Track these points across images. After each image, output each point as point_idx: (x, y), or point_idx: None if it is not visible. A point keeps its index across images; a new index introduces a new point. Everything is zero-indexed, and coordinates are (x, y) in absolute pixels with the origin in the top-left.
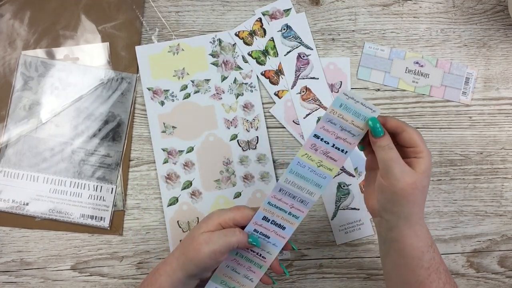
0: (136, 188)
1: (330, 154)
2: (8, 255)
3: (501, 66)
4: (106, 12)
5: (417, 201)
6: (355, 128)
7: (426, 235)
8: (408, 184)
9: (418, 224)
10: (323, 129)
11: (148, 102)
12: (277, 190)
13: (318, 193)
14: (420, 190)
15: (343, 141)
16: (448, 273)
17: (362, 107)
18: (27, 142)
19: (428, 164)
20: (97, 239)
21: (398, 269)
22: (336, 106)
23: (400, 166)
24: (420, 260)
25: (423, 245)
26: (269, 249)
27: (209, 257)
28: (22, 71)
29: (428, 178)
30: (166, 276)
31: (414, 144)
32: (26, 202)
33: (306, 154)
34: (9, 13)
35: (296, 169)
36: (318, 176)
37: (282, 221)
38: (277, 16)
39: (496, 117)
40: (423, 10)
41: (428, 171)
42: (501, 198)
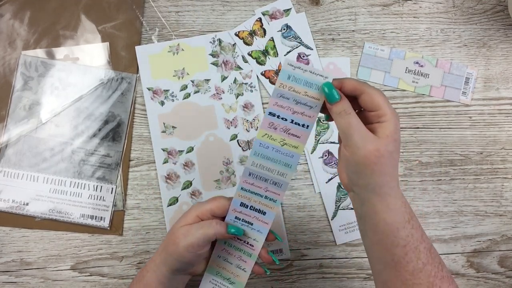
0: (136, 188)
1: (291, 131)
2: (8, 255)
3: (501, 66)
4: (106, 12)
5: (384, 170)
6: (310, 99)
7: (402, 209)
8: (370, 151)
9: (391, 197)
10: (277, 105)
11: (148, 102)
12: (247, 175)
13: (290, 173)
14: (386, 158)
15: (301, 115)
16: (432, 252)
17: (312, 76)
18: (27, 142)
19: (394, 127)
20: (97, 239)
21: (374, 247)
22: (284, 78)
23: (360, 133)
24: (395, 238)
25: (398, 221)
26: (255, 236)
27: (187, 250)
28: (22, 71)
29: (395, 143)
30: (152, 272)
31: (376, 106)
32: (26, 202)
33: (266, 134)
34: (9, 13)
35: (260, 151)
36: (284, 156)
37: (260, 206)
38: (277, 16)
39: (496, 117)
40: (423, 10)
41: (394, 135)
42: (501, 198)
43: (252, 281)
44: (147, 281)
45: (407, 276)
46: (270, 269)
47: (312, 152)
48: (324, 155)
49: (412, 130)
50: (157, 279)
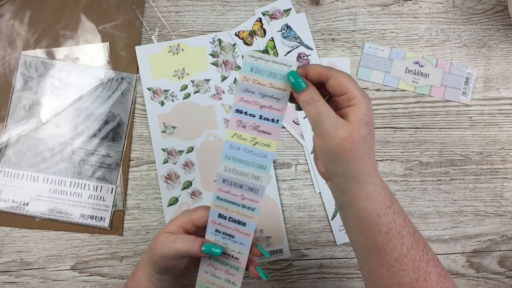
0: (136, 188)
1: (261, 128)
2: (8, 255)
3: (501, 66)
4: (106, 12)
5: (360, 156)
6: (276, 91)
7: (383, 195)
8: (342, 138)
9: (370, 183)
10: (243, 101)
11: (148, 102)
12: (221, 181)
13: (265, 175)
14: (360, 143)
15: (269, 109)
16: (416, 236)
17: (275, 65)
18: (27, 142)
19: (365, 110)
20: (97, 239)
21: (357, 235)
22: (247, 71)
23: (330, 120)
24: (377, 225)
25: (379, 207)
26: (238, 249)
27: (161, 258)
28: (22, 71)
29: (368, 126)
30: (142, 269)
31: (344, 90)
32: (26, 202)
33: (235, 134)
34: (9, 13)
35: (231, 154)
36: (257, 156)
37: (239, 217)
38: (277, 16)
39: (496, 117)
40: (423, 10)
41: (366, 118)
42: (501, 198)
43: (252, 281)
44: (138, 278)
45: (392, 262)
46: (269, 269)
47: (312, 152)
48: None
49: (412, 130)
50: (147, 277)
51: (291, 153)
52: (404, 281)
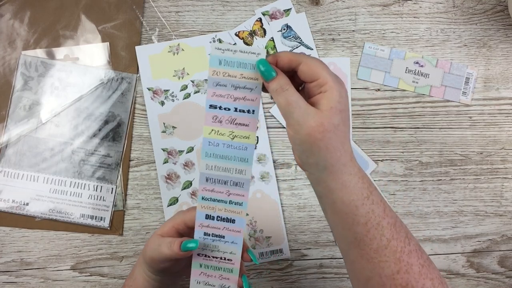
0: (136, 188)
1: (237, 121)
2: (8, 255)
3: (501, 66)
4: (106, 12)
5: (332, 146)
6: (248, 81)
7: (360, 185)
8: (313, 127)
9: (345, 174)
10: (215, 95)
11: (148, 102)
12: (204, 181)
13: (248, 168)
14: (332, 132)
15: (243, 101)
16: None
17: (244, 55)
18: (27, 142)
19: (338, 97)
20: (97, 239)
21: (336, 227)
22: (215, 64)
23: (300, 109)
24: (355, 215)
25: (356, 198)
26: (230, 249)
27: (151, 261)
28: (22, 71)
29: (342, 114)
30: (139, 268)
31: (315, 75)
32: (26, 202)
33: (212, 130)
34: (9, 13)
35: (211, 151)
36: (238, 150)
37: (227, 214)
38: (277, 16)
39: (496, 117)
40: (423, 10)
41: (339, 105)
42: (501, 198)
43: (252, 281)
44: (136, 278)
45: (371, 254)
46: (269, 269)
47: None
48: None
49: (412, 130)
50: (143, 277)
51: (291, 153)
52: (385, 272)
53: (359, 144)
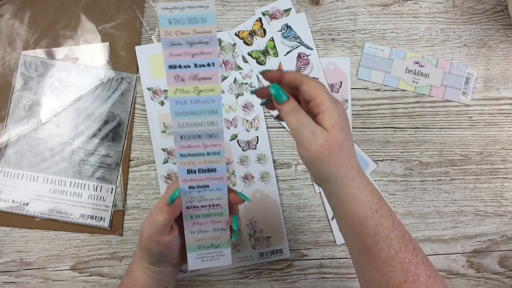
0: (136, 188)
1: (200, 75)
2: (8, 255)
3: (501, 66)
4: (106, 12)
5: (340, 161)
6: (202, 35)
7: (369, 199)
8: (320, 145)
9: (354, 187)
10: (172, 55)
11: (148, 102)
12: (179, 139)
13: (219, 119)
14: (338, 148)
15: (202, 55)
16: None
17: (192, 10)
18: (27, 142)
19: (337, 116)
20: (97, 239)
21: (348, 236)
22: (165, 25)
23: (309, 128)
24: (364, 227)
25: (365, 211)
26: (216, 196)
27: (149, 242)
28: (22, 71)
29: (343, 131)
30: (137, 265)
31: (313, 95)
32: (26, 202)
33: (176, 89)
34: (9, 13)
35: (179, 110)
36: (205, 104)
37: (208, 165)
38: (277, 16)
39: (496, 117)
40: (423, 10)
41: (339, 123)
42: (501, 198)
43: (252, 281)
44: (134, 274)
45: (380, 264)
46: (269, 269)
47: None
48: None
49: (412, 130)
50: (143, 272)
51: (291, 153)
52: (393, 282)
53: (359, 144)
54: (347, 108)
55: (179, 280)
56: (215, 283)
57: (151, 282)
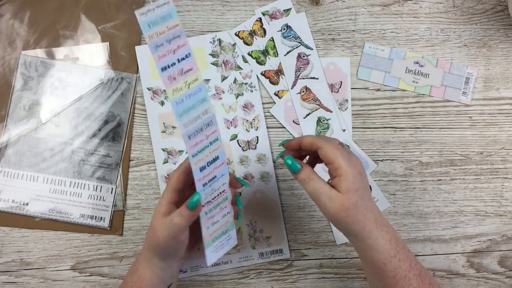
0: (136, 188)
1: (184, 68)
2: (8, 255)
3: (501, 66)
4: (106, 12)
5: (356, 219)
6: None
7: (387, 247)
8: (337, 208)
9: (372, 239)
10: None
11: (148, 102)
12: (188, 139)
13: (209, 105)
14: (353, 209)
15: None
16: (422, 276)
17: (160, 9)
18: (27, 142)
19: (351, 179)
20: (97, 239)
21: (370, 277)
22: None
23: (325, 194)
24: (384, 271)
25: (384, 257)
26: (222, 182)
27: (167, 242)
28: (22, 71)
29: (358, 192)
30: (144, 264)
31: (330, 160)
32: (26, 202)
33: (173, 90)
34: (9, 13)
35: (181, 109)
36: (196, 95)
37: (212, 155)
38: (277, 16)
39: (496, 117)
40: (423, 10)
41: (353, 185)
42: (501, 198)
43: (252, 281)
44: (141, 273)
45: None
46: (269, 269)
47: None
48: None
49: (412, 130)
50: (151, 270)
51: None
52: None
53: (359, 144)
54: (347, 108)
55: (179, 280)
56: (215, 283)
57: (158, 280)
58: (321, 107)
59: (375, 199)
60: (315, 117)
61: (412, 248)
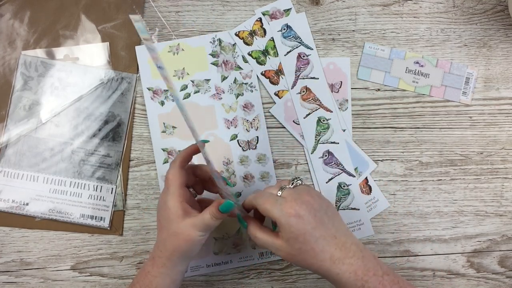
0: (136, 188)
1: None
2: (8, 255)
3: (501, 66)
4: (106, 12)
5: (307, 262)
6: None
7: (353, 278)
8: (285, 256)
9: (333, 274)
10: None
11: (148, 102)
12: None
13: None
14: (299, 255)
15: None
16: None
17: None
18: (27, 142)
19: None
20: (97, 239)
21: None
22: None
23: (271, 245)
24: None
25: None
26: None
27: (200, 241)
28: (22, 71)
29: (299, 239)
30: (163, 275)
31: (267, 216)
32: (26, 202)
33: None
34: (9, 13)
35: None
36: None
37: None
38: (277, 16)
39: (496, 117)
40: (423, 10)
41: (292, 234)
42: (501, 198)
43: (252, 281)
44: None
45: None
46: (269, 269)
47: (312, 152)
48: (324, 155)
49: (412, 130)
50: (170, 278)
51: (291, 153)
52: None
53: (359, 144)
54: (347, 108)
55: None
56: (215, 283)
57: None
58: (321, 107)
59: (375, 199)
60: (315, 117)
61: (412, 248)
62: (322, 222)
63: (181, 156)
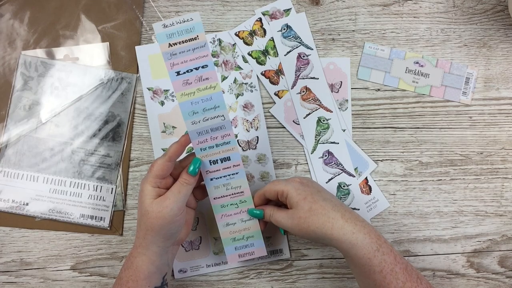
0: (136, 188)
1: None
2: (8, 255)
3: (501, 66)
4: (106, 12)
5: (320, 223)
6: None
7: (367, 241)
8: (297, 223)
9: (348, 234)
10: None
11: (148, 102)
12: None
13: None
14: (311, 215)
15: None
16: (408, 270)
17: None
18: (27, 142)
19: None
20: (97, 239)
21: (359, 276)
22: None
23: (284, 217)
24: (370, 266)
25: (367, 252)
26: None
27: (172, 218)
28: (22, 71)
29: (307, 199)
30: (141, 255)
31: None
32: (26, 202)
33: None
34: (9, 13)
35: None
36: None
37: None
38: (277, 16)
39: (496, 117)
40: (423, 10)
41: (300, 196)
42: (501, 198)
43: (252, 281)
44: (137, 266)
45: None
46: (269, 269)
47: (312, 152)
48: (324, 155)
49: (412, 130)
50: (148, 259)
51: (291, 153)
52: None
53: (359, 144)
54: (347, 108)
55: (179, 280)
56: (215, 283)
57: (154, 270)
58: (321, 107)
59: (375, 199)
60: (315, 117)
61: (412, 248)
62: (326, 191)
63: (172, 149)
